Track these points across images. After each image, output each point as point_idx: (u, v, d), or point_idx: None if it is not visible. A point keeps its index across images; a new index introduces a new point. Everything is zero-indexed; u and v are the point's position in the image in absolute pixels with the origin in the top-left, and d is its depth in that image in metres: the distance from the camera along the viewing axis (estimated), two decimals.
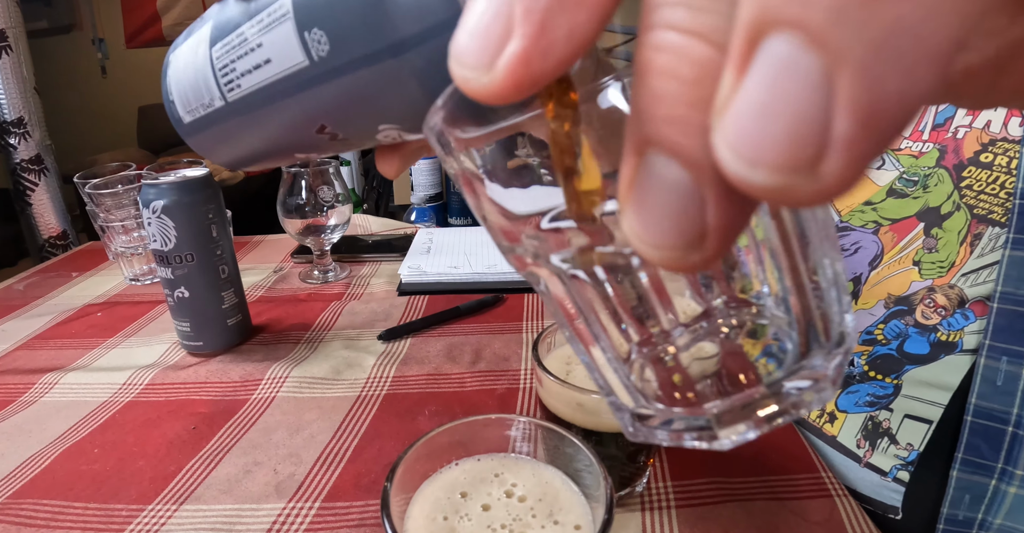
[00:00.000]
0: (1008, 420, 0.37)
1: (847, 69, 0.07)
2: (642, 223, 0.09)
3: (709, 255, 0.09)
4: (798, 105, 0.07)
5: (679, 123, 0.08)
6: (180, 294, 0.55)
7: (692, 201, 0.09)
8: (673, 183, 0.09)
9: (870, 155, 0.07)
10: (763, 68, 0.07)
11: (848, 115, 0.07)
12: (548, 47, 0.09)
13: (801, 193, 0.07)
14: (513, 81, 0.09)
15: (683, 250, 0.09)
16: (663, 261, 0.09)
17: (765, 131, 0.07)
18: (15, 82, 1.21)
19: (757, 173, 0.07)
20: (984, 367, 0.38)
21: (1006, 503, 0.36)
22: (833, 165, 0.07)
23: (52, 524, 0.38)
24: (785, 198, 0.08)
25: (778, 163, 0.07)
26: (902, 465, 0.40)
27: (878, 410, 0.42)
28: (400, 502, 0.27)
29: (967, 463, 0.37)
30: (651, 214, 0.09)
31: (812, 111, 0.07)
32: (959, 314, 0.40)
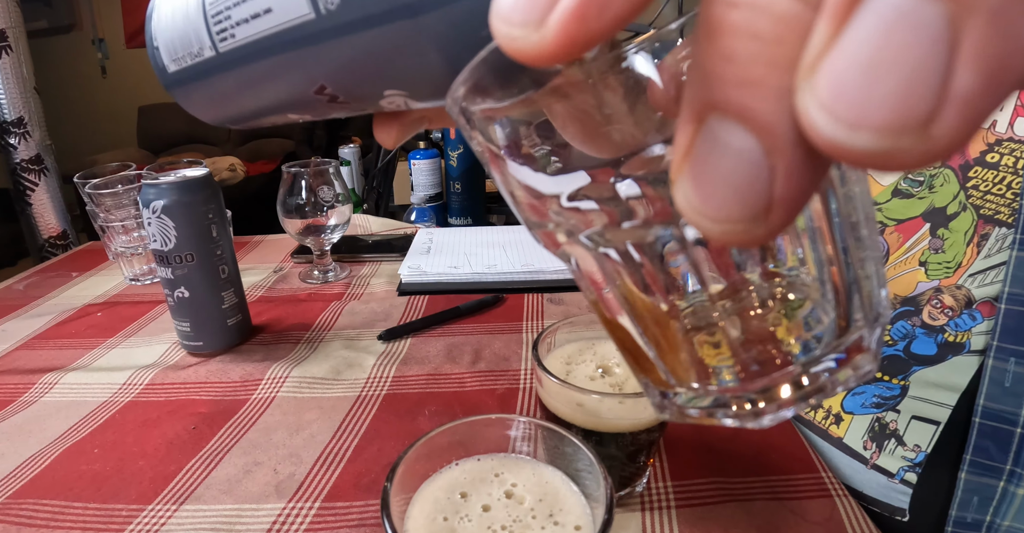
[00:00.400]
0: (1017, 421, 0.36)
1: (978, 16, 0.06)
2: (701, 195, 0.09)
3: (774, 228, 0.08)
4: (915, 58, 0.06)
5: (754, 85, 0.08)
6: (180, 294, 0.55)
7: (760, 171, 0.08)
8: (739, 151, 0.08)
9: (988, 112, 0.07)
10: (872, 18, 0.06)
11: (974, 68, 0.06)
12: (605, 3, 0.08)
13: (906, 157, 0.07)
14: (566, 39, 0.08)
15: (746, 223, 0.08)
16: (723, 235, 0.09)
17: (871, 89, 0.07)
18: (15, 82, 1.21)
19: (858, 136, 0.07)
20: (992, 369, 0.37)
21: (1015, 505, 0.36)
22: (948, 124, 0.07)
23: (52, 524, 0.38)
24: (886, 162, 0.07)
25: (885, 124, 0.07)
26: (909, 467, 0.40)
27: (885, 411, 0.42)
28: (400, 502, 0.27)
29: (975, 465, 0.37)
30: (712, 185, 0.08)
31: (931, 64, 0.06)
32: (966, 315, 0.40)
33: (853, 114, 0.07)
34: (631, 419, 0.34)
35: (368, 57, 0.15)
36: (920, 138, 0.07)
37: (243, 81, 0.18)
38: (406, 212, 1.27)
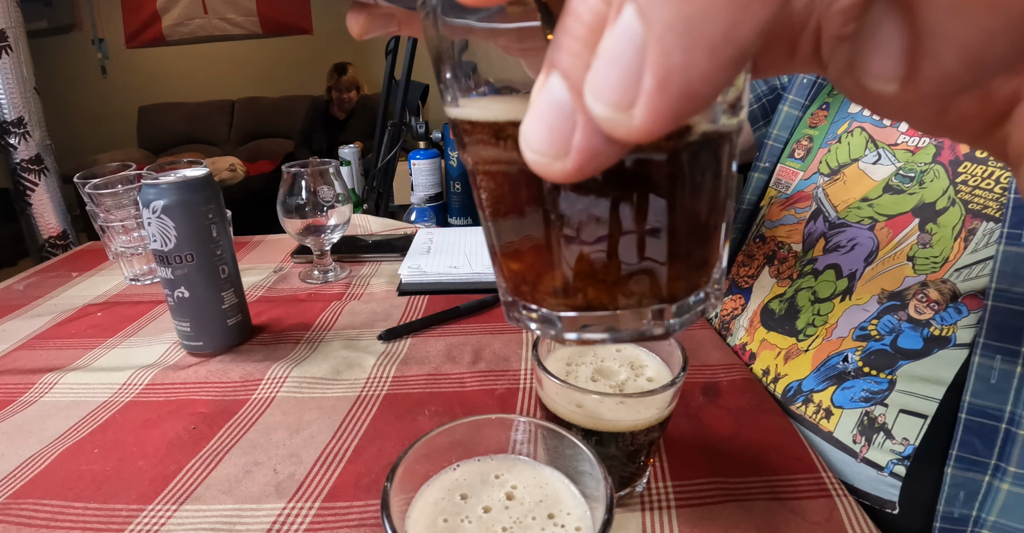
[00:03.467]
0: (1002, 417, 0.37)
1: (654, 41, 0.09)
2: (528, 126, 0.11)
3: (568, 170, 0.11)
4: (626, 59, 0.09)
5: (574, 55, 0.10)
6: (180, 294, 0.55)
7: (567, 120, 0.10)
8: (559, 102, 0.10)
9: (671, 110, 0.09)
10: (617, 27, 0.09)
11: (651, 74, 0.09)
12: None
13: (621, 128, 0.10)
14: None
15: (549, 158, 0.11)
16: (532, 163, 0.11)
17: (606, 75, 0.09)
18: (15, 82, 1.21)
19: (596, 105, 0.10)
20: (978, 365, 0.38)
21: (999, 500, 0.36)
22: (640, 110, 0.09)
23: (52, 524, 0.38)
24: (612, 130, 0.10)
25: (609, 100, 0.10)
26: (898, 460, 0.40)
27: (873, 405, 0.42)
28: (400, 502, 0.27)
29: (961, 460, 0.37)
30: (537, 120, 0.11)
31: (633, 66, 0.09)
32: (952, 308, 0.41)
33: (595, 89, 0.10)
34: (631, 419, 0.34)
35: None
36: (627, 116, 0.09)
37: None
38: (406, 212, 1.27)
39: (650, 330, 0.17)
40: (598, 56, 0.10)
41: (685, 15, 0.08)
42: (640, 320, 0.16)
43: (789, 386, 0.49)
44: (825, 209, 0.53)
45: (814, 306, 0.50)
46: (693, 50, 0.09)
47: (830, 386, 0.45)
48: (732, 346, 0.58)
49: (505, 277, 0.19)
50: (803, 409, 0.47)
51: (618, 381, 0.37)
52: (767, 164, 0.63)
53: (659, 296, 0.16)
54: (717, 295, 0.18)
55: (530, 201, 0.16)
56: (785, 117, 0.63)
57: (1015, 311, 0.37)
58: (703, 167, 0.15)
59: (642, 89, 0.09)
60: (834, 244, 0.50)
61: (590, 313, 0.17)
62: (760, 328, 0.55)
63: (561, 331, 0.17)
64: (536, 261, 0.17)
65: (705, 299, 0.17)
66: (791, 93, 0.63)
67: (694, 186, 0.15)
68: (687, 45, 0.09)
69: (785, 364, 0.50)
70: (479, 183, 0.17)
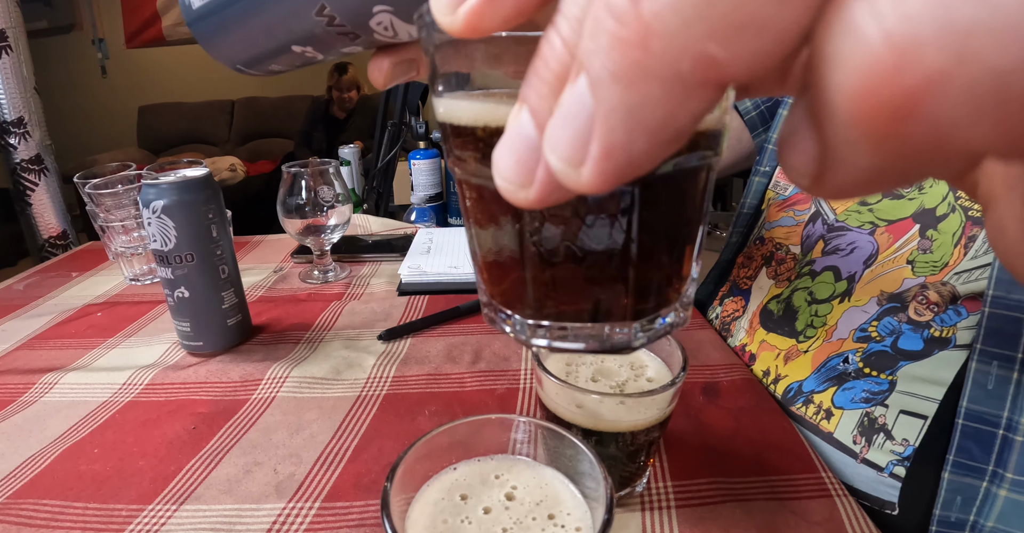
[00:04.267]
0: (999, 423, 0.37)
1: (600, 117, 0.10)
2: (499, 154, 0.12)
3: (532, 199, 0.12)
4: (578, 123, 0.10)
5: (541, 97, 0.11)
6: (180, 294, 0.55)
7: (533, 153, 0.11)
8: (526, 136, 0.11)
9: (615, 175, 0.10)
10: (573, 92, 0.10)
11: (597, 144, 0.10)
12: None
13: (571, 182, 0.11)
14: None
15: (515, 186, 0.12)
16: (500, 188, 0.12)
17: (561, 132, 0.10)
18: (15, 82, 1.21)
19: (551, 156, 0.11)
20: (975, 371, 0.38)
21: (997, 505, 0.36)
22: (587, 170, 0.10)
23: (52, 524, 0.38)
24: (563, 180, 0.11)
25: (561, 155, 0.10)
26: (898, 460, 0.40)
27: (873, 406, 0.42)
28: (400, 502, 0.27)
29: (958, 465, 0.37)
30: (506, 150, 0.12)
31: (583, 132, 0.10)
32: (951, 310, 0.41)
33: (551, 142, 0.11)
34: (631, 419, 0.34)
35: None
36: (576, 173, 0.10)
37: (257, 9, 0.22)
38: (406, 212, 1.27)
39: (616, 344, 0.18)
40: (558, 109, 0.10)
41: (627, 103, 0.09)
42: (607, 334, 0.17)
43: (789, 387, 0.49)
44: (824, 212, 0.53)
45: (811, 307, 0.50)
46: (634, 131, 0.09)
47: (830, 387, 0.45)
48: (732, 347, 0.58)
49: (483, 280, 0.20)
50: (803, 410, 0.47)
51: (618, 381, 0.37)
52: (767, 168, 0.63)
53: (625, 313, 0.17)
54: (684, 312, 0.19)
55: (506, 216, 0.17)
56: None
57: (1012, 318, 0.37)
58: (670, 197, 0.16)
59: (589, 154, 0.10)
60: (833, 247, 0.50)
61: (559, 323, 0.18)
62: (760, 329, 0.55)
63: (530, 337, 0.18)
64: (510, 271, 0.18)
65: (672, 316, 0.18)
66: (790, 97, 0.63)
67: (659, 213, 0.16)
68: (629, 127, 0.09)
69: (785, 365, 0.50)
70: (463, 191, 0.18)
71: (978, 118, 0.07)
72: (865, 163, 0.09)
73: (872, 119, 0.08)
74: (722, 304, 0.64)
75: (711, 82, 0.09)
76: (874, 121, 0.08)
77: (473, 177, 0.17)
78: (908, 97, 0.07)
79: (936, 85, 0.07)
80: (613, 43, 0.09)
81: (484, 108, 0.16)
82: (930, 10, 0.07)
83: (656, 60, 0.09)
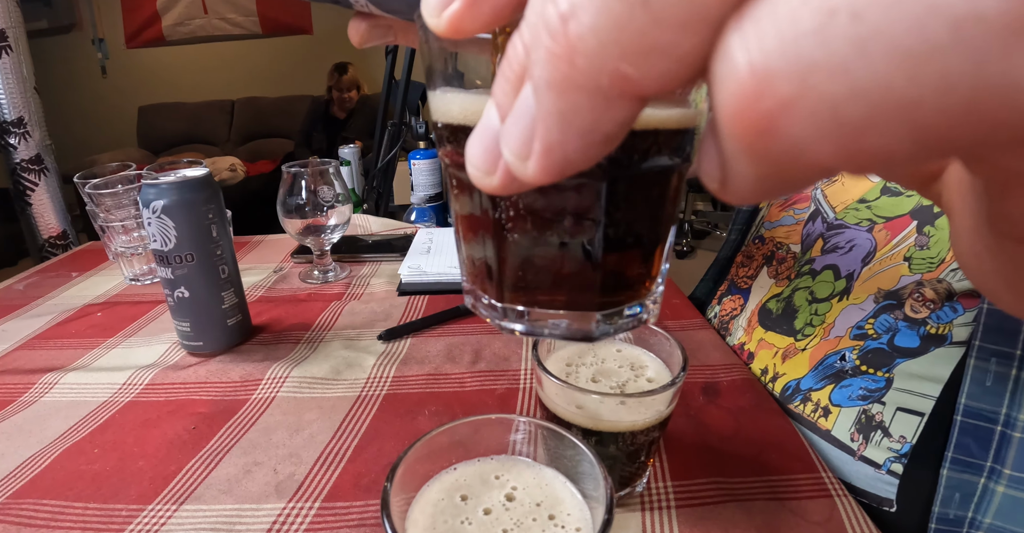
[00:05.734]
0: (997, 420, 0.37)
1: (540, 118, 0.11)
2: (471, 142, 0.13)
3: (495, 186, 0.13)
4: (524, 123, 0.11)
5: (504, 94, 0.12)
6: (180, 294, 0.55)
7: (496, 144, 0.12)
8: (492, 128, 0.12)
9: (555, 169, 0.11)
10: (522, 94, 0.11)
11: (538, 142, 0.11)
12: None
13: (520, 173, 0.12)
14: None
15: (482, 173, 0.13)
16: (470, 174, 0.13)
17: (512, 128, 0.11)
18: (15, 82, 1.21)
19: (504, 149, 0.12)
20: (973, 368, 0.38)
21: (995, 502, 0.36)
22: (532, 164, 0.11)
23: (52, 524, 0.38)
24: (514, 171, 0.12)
25: (511, 149, 0.12)
26: (895, 457, 0.40)
27: (871, 404, 0.42)
28: (400, 502, 0.27)
29: (957, 462, 0.38)
30: (477, 139, 0.13)
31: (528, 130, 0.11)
32: (948, 307, 0.41)
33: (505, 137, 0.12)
34: (631, 420, 0.34)
35: None
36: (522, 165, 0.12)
37: None
38: (406, 212, 1.27)
39: (580, 333, 0.19)
40: (513, 108, 0.11)
41: (559, 109, 0.10)
42: (571, 323, 0.19)
43: (787, 385, 0.49)
44: (824, 210, 0.53)
45: (811, 306, 0.50)
46: (567, 133, 0.11)
47: (828, 385, 0.46)
48: (731, 346, 0.58)
49: (464, 266, 0.21)
50: (801, 408, 0.47)
51: (618, 381, 0.37)
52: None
53: (593, 304, 0.18)
54: (654, 306, 0.20)
55: (483, 206, 0.18)
56: None
57: (1010, 315, 0.37)
58: (636, 196, 0.17)
59: (533, 150, 0.11)
60: (832, 245, 0.51)
61: (532, 309, 0.19)
62: (758, 328, 0.55)
63: (504, 322, 0.19)
64: (487, 258, 0.19)
65: (641, 309, 0.19)
66: None
67: (625, 211, 0.17)
68: (562, 129, 0.11)
69: (783, 363, 0.50)
70: (449, 180, 0.20)
71: (822, 138, 0.08)
72: (750, 171, 0.10)
73: (742, 135, 0.09)
74: (720, 303, 0.64)
75: (627, 95, 0.10)
76: (744, 137, 0.09)
77: (454, 165, 0.18)
78: (766, 118, 0.09)
79: (787, 109, 0.08)
80: (548, 56, 0.10)
81: (466, 102, 0.17)
82: (781, 47, 0.08)
83: (580, 74, 0.10)
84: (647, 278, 0.19)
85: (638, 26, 0.09)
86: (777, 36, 0.08)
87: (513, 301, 0.19)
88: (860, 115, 0.08)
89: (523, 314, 0.19)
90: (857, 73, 0.08)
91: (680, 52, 0.09)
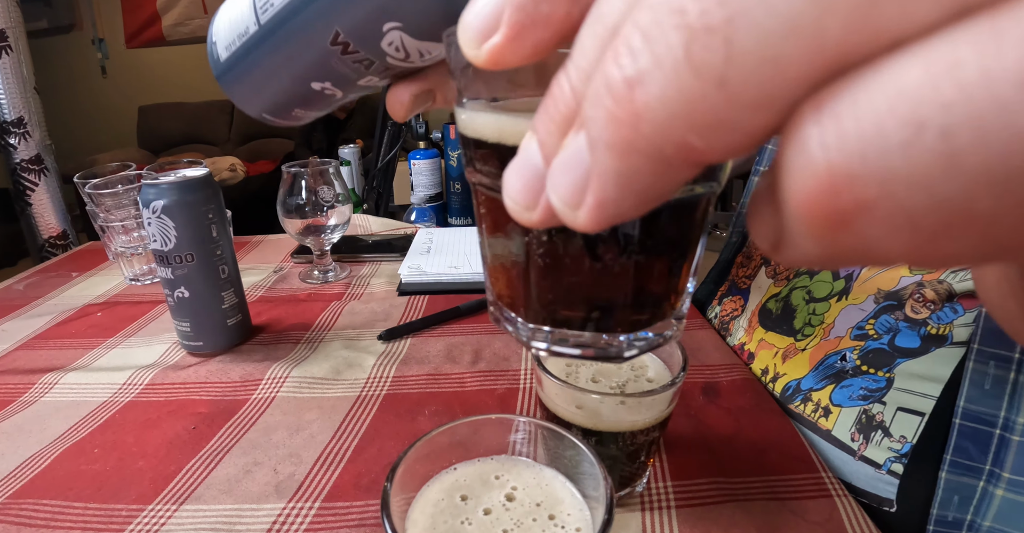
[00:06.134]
0: (996, 423, 0.37)
1: (596, 174, 0.11)
2: (509, 175, 0.13)
3: (535, 221, 0.13)
4: (576, 174, 0.11)
5: (548, 133, 0.12)
6: (180, 294, 0.55)
7: (538, 181, 0.12)
8: (534, 165, 0.12)
9: (608, 221, 0.11)
10: (575, 143, 0.11)
11: (591, 195, 0.11)
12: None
13: (568, 220, 0.12)
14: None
15: (519, 207, 0.13)
16: (508, 207, 0.13)
17: (561, 176, 0.11)
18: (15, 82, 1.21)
19: (552, 195, 0.12)
20: (972, 371, 0.38)
21: (994, 505, 0.36)
22: (583, 214, 0.11)
23: (52, 524, 0.38)
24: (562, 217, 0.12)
25: (561, 197, 0.11)
26: (896, 457, 0.40)
27: (871, 403, 0.42)
28: (400, 502, 0.27)
29: (955, 465, 0.38)
30: (516, 173, 0.13)
31: (580, 182, 0.11)
32: (948, 308, 0.41)
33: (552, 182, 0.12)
34: (631, 420, 0.34)
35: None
36: (573, 213, 0.11)
37: (277, 46, 0.23)
38: (406, 212, 1.27)
39: (609, 353, 0.19)
40: (561, 152, 0.11)
41: (617, 169, 0.10)
42: (601, 343, 0.19)
43: (788, 385, 0.49)
44: None
45: (809, 305, 0.50)
46: (623, 192, 0.11)
47: (829, 385, 0.46)
48: (731, 346, 0.58)
49: (490, 281, 0.21)
50: (802, 408, 0.47)
51: (618, 382, 0.37)
52: (767, 168, 0.63)
53: (620, 324, 0.18)
54: (678, 325, 0.20)
55: (515, 228, 0.18)
56: None
57: None
58: (670, 223, 0.17)
59: (584, 201, 0.11)
60: None
61: (558, 330, 0.19)
62: (758, 328, 0.55)
63: (530, 340, 0.19)
64: (516, 277, 0.19)
65: (665, 329, 0.19)
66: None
67: (658, 237, 0.17)
68: (619, 187, 0.11)
69: (783, 363, 0.50)
70: (478, 196, 0.19)
71: (893, 239, 0.09)
72: (811, 250, 0.10)
73: (812, 224, 0.09)
74: (721, 303, 0.64)
75: (690, 162, 0.10)
76: (813, 226, 0.09)
77: (487, 187, 0.18)
78: (840, 214, 0.09)
79: (862, 211, 0.08)
80: (609, 118, 0.10)
81: (501, 124, 0.17)
82: (863, 153, 0.08)
83: (644, 140, 0.10)
84: (676, 295, 0.19)
85: (711, 103, 0.09)
86: (859, 141, 0.08)
87: (539, 321, 0.19)
88: (937, 224, 0.08)
89: (549, 334, 0.19)
90: (940, 188, 0.08)
91: (750, 128, 0.09)
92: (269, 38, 0.23)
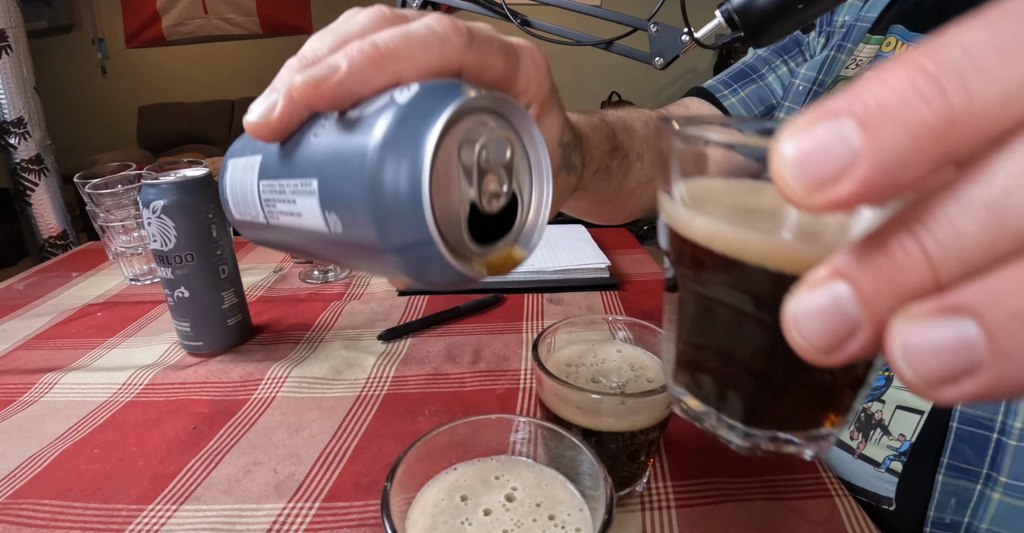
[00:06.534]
0: (993, 427, 0.37)
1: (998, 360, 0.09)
2: (805, 316, 0.12)
3: (834, 363, 0.12)
4: (955, 364, 0.10)
5: (879, 292, 0.10)
6: (180, 294, 0.55)
7: (847, 328, 0.11)
8: (846, 314, 0.11)
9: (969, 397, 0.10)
10: (955, 326, 0.10)
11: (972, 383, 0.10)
12: None
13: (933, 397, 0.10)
14: None
15: (815, 349, 0.12)
16: (796, 347, 0.12)
17: (934, 359, 0.10)
18: (15, 82, 1.21)
19: (908, 373, 0.10)
20: None
21: (991, 508, 0.36)
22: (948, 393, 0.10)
23: (52, 524, 0.38)
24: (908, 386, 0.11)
25: (924, 378, 0.10)
26: (895, 456, 0.40)
27: (871, 402, 0.42)
28: (400, 502, 0.27)
29: (952, 468, 0.38)
30: (815, 316, 0.11)
31: (957, 371, 0.10)
32: None
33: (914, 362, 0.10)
34: (631, 420, 0.34)
35: (363, 258, 0.22)
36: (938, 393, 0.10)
37: (284, 239, 0.25)
38: None
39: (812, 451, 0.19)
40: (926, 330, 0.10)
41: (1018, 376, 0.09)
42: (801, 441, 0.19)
43: None
44: None
45: None
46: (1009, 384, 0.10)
47: None
48: None
49: (687, 371, 0.21)
50: None
51: (618, 382, 0.37)
52: None
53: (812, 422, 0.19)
54: (845, 426, 0.20)
55: (747, 334, 0.18)
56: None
57: None
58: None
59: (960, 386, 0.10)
60: None
61: (756, 430, 0.19)
62: None
63: (721, 432, 0.20)
64: (728, 375, 0.19)
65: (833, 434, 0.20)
66: (787, 100, 0.63)
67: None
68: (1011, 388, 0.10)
69: None
70: (689, 293, 0.19)
71: None
72: None
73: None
74: None
75: None
76: None
77: (713, 294, 0.18)
78: None
79: None
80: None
81: (764, 246, 0.15)
82: None
83: None
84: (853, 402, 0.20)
85: None
86: None
87: (750, 421, 0.19)
88: None
89: (745, 432, 0.19)
90: None
91: None
92: (276, 232, 0.25)
